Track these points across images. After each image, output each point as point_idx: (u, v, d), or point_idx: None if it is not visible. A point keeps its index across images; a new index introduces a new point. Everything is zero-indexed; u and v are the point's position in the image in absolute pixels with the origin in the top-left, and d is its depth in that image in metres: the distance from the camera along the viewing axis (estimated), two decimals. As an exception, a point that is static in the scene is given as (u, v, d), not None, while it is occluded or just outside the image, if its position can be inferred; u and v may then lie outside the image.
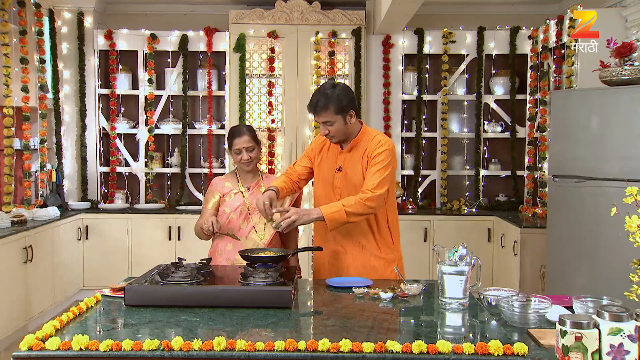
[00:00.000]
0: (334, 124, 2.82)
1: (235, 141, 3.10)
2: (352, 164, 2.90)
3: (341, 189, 2.91)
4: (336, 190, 2.93)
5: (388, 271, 2.93)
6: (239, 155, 3.10)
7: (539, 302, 2.22)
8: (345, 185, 2.91)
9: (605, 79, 3.83)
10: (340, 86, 2.87)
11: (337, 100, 2.79)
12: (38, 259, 4.69)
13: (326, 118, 2.81)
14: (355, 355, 1.78)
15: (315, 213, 2.74)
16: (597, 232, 3.81)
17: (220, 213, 3.13)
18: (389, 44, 5.90)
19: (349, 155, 2.92)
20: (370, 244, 2.93)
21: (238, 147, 3.09)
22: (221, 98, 6.05)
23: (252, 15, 5.72)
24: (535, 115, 5.69)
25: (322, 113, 2.81)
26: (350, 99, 2.85)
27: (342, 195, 2.89)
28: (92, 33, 5.88)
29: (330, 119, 2.81)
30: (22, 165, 5.33)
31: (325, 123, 2.83)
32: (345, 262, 2.93)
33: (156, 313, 2.17)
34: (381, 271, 2.89)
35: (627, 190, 1.88)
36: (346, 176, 2.91)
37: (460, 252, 2.32)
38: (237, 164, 3.16)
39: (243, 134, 3.10)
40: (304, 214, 2.74)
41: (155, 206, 5.80)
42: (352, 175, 2.89)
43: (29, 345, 1.82)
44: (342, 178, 2.92)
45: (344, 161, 2.93)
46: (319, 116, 2.83)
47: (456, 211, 5.78)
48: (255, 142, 3.12)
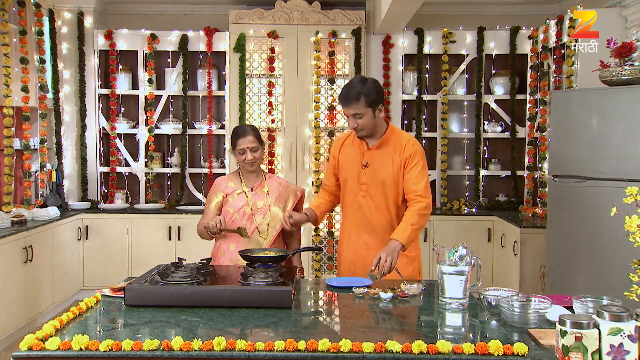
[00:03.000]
0: (363, 116, 2.87)
1: (239, 141, 3.09)
2: (381, 161, 2.95)
3: (367, 185, 2.96)
4: (362, 186, 2.98)
5: (410, 269, 2.97)
6: (242, 156, 3.09)
7: (539, 302, 2.22)
8: (372, 182, 2.96)
9: (605, 79, 3.83)
10: (370, 80, 2.94)
11: (368, 93, 2.85)
12: (38, 259, 4.69)
13: (356, 110, 2.86)
14: (355, 355, 1.78)
15: (397, 246, 2.76)
16: (597, 232, 3.81)
17: (223, 213, 3.12)
18: (389, 44, 5.90)
19: (377, 152, 2.96)
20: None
21: (242, 147, 3.08)
22: (221, 98, 6.05)
23: (252, 15, 5.72)
24: (535, 115, 5.69)
25: (353, 105, 2.86)
26: (380, 94, 2.92)
27: (367, 191, 2.96)
28: (92, 33, 5.88)
29: (360, 111, 2.86)
30: (22, 165, 5.33)
31: (354, 115, 2.87)
32: (368, 258, 2.96)
33: (156, 313, 2.17)
34: (403, 268, 2.91)
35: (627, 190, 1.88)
36: (374, 173, 2.95)
37: (460, 252, 2.32)
38: (241, 164, 3.15)
39: (247, 134, 3.09)
40: (391, 251, 2.72)
41: (155, 206, 5.80)
42: (381, 172, 2.94)
43: (29, 345, 1.82)
44: (369, 174, 2.96)
45: (371, 157, 2.97)
46: (350, 108, 2.87)
47: (456, 211, 5.78)
48: (259, 143, 3.12)
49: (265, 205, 3.12)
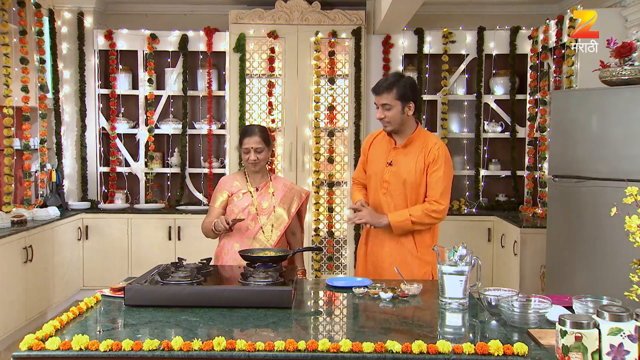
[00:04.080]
0: (392, 108, 2.90)
1: (245, 140, 3.11)
2: (406, 160, 2.97)
3: (389, 183, 2.98)
4: (384, 184, 3.00)
5: (422, 272, 2.98)
6: (247, 155, 3.11)
7: (539, 302, 2.22)
8: (394, 180, 2.98)
9: (605, 79, 3.83)
10: (407, 76, 2.99)
11: (401, 86, 2.90)
12: (38, 259, 4.69)
13: (386, 100, 2.90)
14: (355, 355, 1.78)
15: (385, 220, 2.91)
16: (597, 232, 3.81)
17: (228, 212, 3.14)
18: (389, 44, 5.89)
19: (403, 151, 2.99)
20: (410, 243, 2.99)
21: (247, 146, 3.10)
22: (221, 98, 6.05)
23: (252, 15, 5.72)
24: (535, 115, 5.69)
25: (384, 94, 2.90)
26: (414, 91, 2.95)
27: (388, 189, 2.98)
28: (92, 33, 5.88)
29: (390, 103, 2.89)
30: (22, 165, 5.33)
31: (383, 106, 2.91)
32: (381, 256, 3.01)
33: (156, 313, 2.17)
34: (415, 270, 2.96)
35: (627, 190, 1.88)
36: (397, 172, 2.98)
37: (460, 252, 2.32)
38: (245, 163, 3.17)
39: (254, 134, 3.10)
40: (376, 218, 2.93)
41: (155, 206, 5.80)
42: (403, 172, 2.96)
43: (29, 345, 1.82)
44: (392, 173, 2.98)
45: (396, 156, 3.00)
46: (380, 97, 2.91)
47: (456, 211, 5.78)
48: (265, 144, 3.12)
49: (270, 206, 3.13)
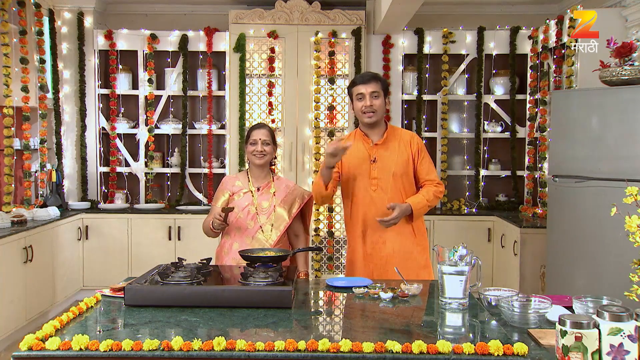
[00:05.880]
0: (379, 97, 3.10)
1: (253, 132, 3.14)
2: (389, 154, 3.13)
3: (378, 179, 3.11)
4: (372, 181, 3.12)
5: (424, 258, 3.13)
6: (253, 146, 3.11)
7: (539, 302, 2.22)
8: (382, 175, 3.11)
9: (605, 79, 3.83)
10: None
11: (383, 80, 3.17)
12: (38, 259, 4.69)
13: (375, 88, 3.10)
14: (355, 355, 1.78)
15: (408, 209, 3.04)
16: (597, 232, 3.80)
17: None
18: (389, 44, 5.89)
19: (383, 147, 3.14)
20: (408, 231, 3.11)
21: (255, 137, 3.11)
22: (221, 98, 6.05)
23: (252, 15, 5.72)
24: (535, 115, 5.69)
25: (372, 83, 3.10)
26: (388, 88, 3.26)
27: (379, 185, 3.10)
28: (92, 33, 5.88)
29: (378, 91, 3.10)
30: (22, 165, 5.33)
31: (372, 93, 3.09)
32: (386, 250, 3.09)
33: (156, 313, 2.17)
34: (418, 257, 3.09)
35: (627, 190, 1.88)
36: (383, 167, 3.11)
37: (460, 252, 2.32)
38: (249, 155, 3.15)
39: (263, 127, 3.18)
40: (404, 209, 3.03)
41: (155, 206, 5.80)
42: (391, 165, 3.11)
43: (29, 345, 1.82)
44: (379, 169, 3.12)
45: (379, 153, 3.14)
46: (369, 85, 3.08)
47: (456, 211, 5.78)
48: (272, 141, 3.16)
49: (270, 206, 3.12)
